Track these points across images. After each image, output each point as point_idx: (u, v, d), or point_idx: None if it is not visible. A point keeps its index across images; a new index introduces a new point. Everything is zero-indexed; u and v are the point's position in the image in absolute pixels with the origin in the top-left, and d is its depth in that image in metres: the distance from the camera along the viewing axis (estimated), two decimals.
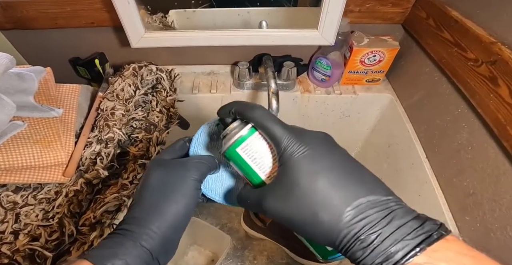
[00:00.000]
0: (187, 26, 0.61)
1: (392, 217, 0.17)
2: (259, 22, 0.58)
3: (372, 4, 0.53)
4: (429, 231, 0.16)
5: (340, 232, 0.17)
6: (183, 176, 0.24)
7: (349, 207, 0.17)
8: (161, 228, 0.22)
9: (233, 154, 0.22)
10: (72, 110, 0.46)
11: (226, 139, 0.23)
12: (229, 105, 0.23)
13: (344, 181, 0.18)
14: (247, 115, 0.22)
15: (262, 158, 0.22)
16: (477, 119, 0.40)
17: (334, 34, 0.51)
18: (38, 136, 0.39)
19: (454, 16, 0.43)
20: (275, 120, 0.21)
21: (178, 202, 0.23)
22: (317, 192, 0.18)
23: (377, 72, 0.59)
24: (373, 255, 0.16)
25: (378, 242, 0.16)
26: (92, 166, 0.42)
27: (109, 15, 0.54)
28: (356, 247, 0.17)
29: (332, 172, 0.19)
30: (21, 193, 0.40)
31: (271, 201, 0.20)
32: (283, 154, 0.20)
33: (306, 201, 0.18)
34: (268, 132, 0.21)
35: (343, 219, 0.17)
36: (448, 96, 0.46)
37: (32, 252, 0.36)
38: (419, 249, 0.15)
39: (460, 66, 0.41)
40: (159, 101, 0.51)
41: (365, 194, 0.18)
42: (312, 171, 0.19)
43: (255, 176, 0.22)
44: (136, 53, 0.58)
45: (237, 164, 0.23)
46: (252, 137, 0.22)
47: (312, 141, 0.20)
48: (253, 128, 0.22)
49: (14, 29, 0.57)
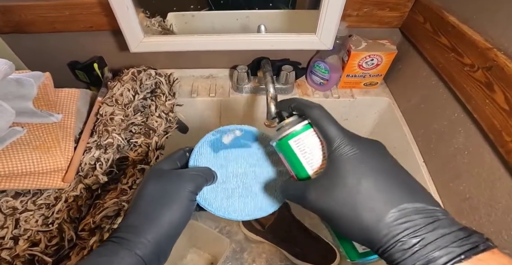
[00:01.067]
0: (186, 30, 0.61)
1: (437, 225, 0.17)
2: (258, 26, 0.58)
3: (370, 8, 0.53)
4: (476, 243, 0.16)
5: (380, 231, 0.17)
6: (180, 187, 0.24)
7: (394, 209, 0.18)
8: (155, 237, 0.23)
9: (284, 145, 0.23)
10: (71, 115, 0.46)
11: (281, 131, 0.24)
12: (290, 101, 0.24)
13: (391, 184, 0.19)
14: (306, 112, 0.23)
15: (312, 153, 0.22)
16: (473, 124, 0.40)
17: (332, 38, 0.51)
18: (38, 142, 0.40)
19: (451, 21, 0.43)
20: (332, 121, 0.22)
21: (173, 213, 0.24)
22: (362, 190, 0.19)
23: (375, 76, 0.60)
24: (414, 257, 0.16)
25: (420, 246, 0.16)
26: (91, 171, 0.42)
27: (108, 19, 0.54)
28: (396, 248, 0.17)
29: (380, 174, 0.19)
30: (21, 199, 0.40)
31: (314, 193, 0.20)
32: (333, 153, 0.20)
33: (350, 197, 0.19)
34: (323, 130, 0.21)
35: (385, 220, 0.17)
36: (445, 100, 0.46)
37: (32, 258, 0.36)
38: (464, 256, 0.15)
39: (456, 71, 0.42)
40: (158, 105, 0.51)
41: (412, 200, 0.18)
42: (360, 171, 0.19)
43: (302, 170, 0.23)
44: (135, 57, 0.58)
45: (287, 155, 0.24)
46: (306, 132, 0.23)
47: (364, 146, 0.20)
48: (308, 125, 0.23)
49: (12, 33, 0.57)
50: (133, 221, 0.23)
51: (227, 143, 0.30)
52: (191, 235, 0.63)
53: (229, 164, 0.29)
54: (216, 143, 0.30)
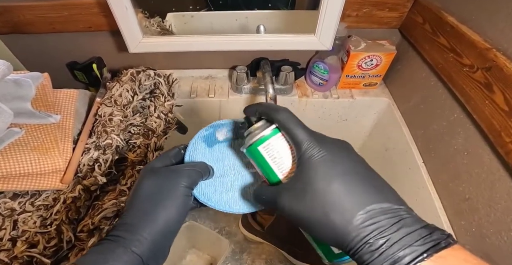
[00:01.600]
0: (185, 30, 0.61)
1: (402, 224, 0.17)
2: (257, 27, 0.58)
3: (369, 9, 0.53)
4: (437, 240, 0.17)
5: (349, 234, 0.18)
6: (174, 183, 0.24)
7: (361, 211, 0.18)
8: (152, 234, 0.22)
9: (254, 152, 0.23)
10: (69, 116, 0.46)
11: (250, 137, 0.24)
12: (256, 106, 0.24)
13: (359, 186, 0.19)
14: (273, 116, 0.23)
15: (281, 158, 0.23)
16: (472, 125, 0.40)
17: (331, 39, 0.51)
18: (36, 143, 0.39)
19: (450, 22, 0.43)
20: (299, 124, 0.22)
21: (169, 209, 0.23)
22: (331, 194, 0.19)
23: (374, 76, 0.60)
24: (381, 258, 0.17)
25: (386, 247, 0.17)
26: (90, 172, 0.42)
27: (107, 20, 0.54)
28: (364, 250, 0.17)
29: (348, 176, 0.19)
30: (19, 200, 0.40)
31: (285, 199, 0.21)
32: (302, 156, 0.21)
33: (319, 201, 0.19)
34: (291, 134, 0.21)
35: (353, 222, 0.18)
36: (444, 101, 0.46)
37: (30, 259, 0.36)
38: (426, 255, 0.16)
39: (455, 71, 0.42)
40: (157, 106, 0.51)
41: (378, 201, 0.18)
42: (329, 174, 0.19)
43: (272, 175, 0.23)
44: (134, 57, 0.58)
45: (257, 161, 0.24)
46: (274, 137, 0.23)
47: (331, 147, 0.21)
48: (276, 129, 0.23)
49: (10, 33, 0.57)
50: (129, 219, 0.23)
51: (222, 137, 0.30)
52: (190, 236, 0.63)
53: (225, 158, 0.29)
54: (210, 138, 0.29)
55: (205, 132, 0.30)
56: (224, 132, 0.30)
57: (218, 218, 0.71)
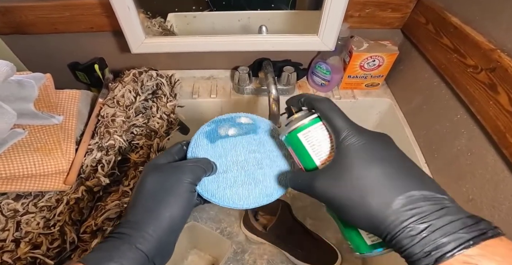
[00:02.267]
0: (187, 31, 0.61)
1: (445, 212, 0.17)
2: (259, 27, 0.58)
3: (372, 9, 0.53)
4: (484, 229, 0.16)
5: (387, 218, 0.17)
6: (178, 180, 0.24)
7: (401, 196, 0.18)
8: (156, 231, 0.22)
9: (293, 138, 0.24)
10: (72, 116, 0.46)
11: (290, 124, 0.24)
12: (300, 96, 0.25)
13: (399, 172, 0.19)
14: (315, 105, 0.23)
15: (320, 145, 0.23)
16: (476, 126, 0.40)
17: (334, 39, 0.51)
18: (39, 144, 0.39)
19: (453, 22, 0.43)
20: (340, 113, 0.22)
21: (173, 205, 0.23)
22: (369, 177, 0.19)
23: (377, 77, 0.59)
24: (422, 243, 0.16)
25: (428, 232, 0.16)
26: (93, 173, 0.41)
27: (109, 20, 0.54)
28: (403, 234, 0.17)
29: (387, 163, 0.19)
30: (22, 201, 0.40)
31: (322, 182, 0.21)
32: (341, 143, 0.21)
33: (357, 184, 0.19)
34: (331, 122, 0.22)
35: (392, 206, 0.17)
36: (447, 101, 0.46)
37: (33, 260, 0.36)
38: (472, 242, 0.15)
39: (459, 72, 0.42)
40: (159, 107, 0.51)
41: (419, 188, 0.18)
42: (367, 159, 0.19)
43: (310, 161, 0.23)
44: (136, 58, 0.58)
45: (296, 148, 0.24)
46: (315, 126, 0.23)
47: (371, 137, 0.21)
48: (317, 118, 0.24)
49: (13, 34, 0.57)
50: (133, 217, 0.23)
51: (224, 132, 0.29)
52: (192, 237, 0.63)
53: (228, 153, 0.29)
54: (212, 134, 0.29)
55: (207, 127, 0.29)
56: (226, 128, 0.30)
57: (219, 219, 0.71)
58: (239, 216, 0.71)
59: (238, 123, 0.30)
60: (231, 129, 0.30)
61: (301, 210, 0.70)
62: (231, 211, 0.72)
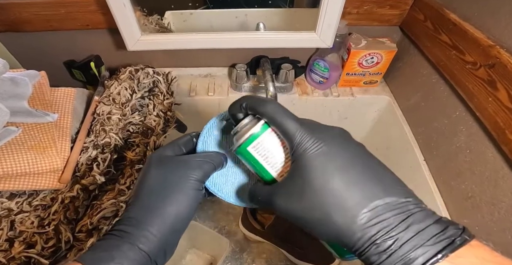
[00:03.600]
0: (184, 28, 0.60)
1: (411, 221, 0.16)
2: (257, 24, 0.58)
3: (370, 6, 0.52)
4: (452, 237, 0.15)
5: (354, 234, 0.17)
6: (185, 176, 0.23)
7: (365, 209, 0.17)
8: (160, 230, 0.21)
9: (244, 153, 0.22)
10: (67, 114, 0.45)
11: (237, 137, 0.22)
12: (240, 100, 0.22)
13: (360, 181, 0.18)
14: (259, 110, 0.21)
15: (274, 156, 0.21)
16: (475, 123, 0.40)
17: (332, 36, 0.51)
18: (33, 142, 0.39)
19: (452, 19, 0.42)
20: (288, 115, 0.20)
21: (179, 204, 0.22)
22: (331, 192, 0.17)
23: (375, 74, 0.59)
24: (390, 260, 0.16)
25: (395, 247, 0.16)
26: (88, 171, 0.41)
27: (105, 18, 0.53)
28: (371, 251, 0.16)
29: (348, 171, 0.18)
30: (16, 200, 0.39)
31: (281, 199, 0.19)
32: (295, 151, 0.19)
33: (318, 200, 0.18)
34: (281, 128, 0.20)
35: (357, 222, 0.17)
36: (446, 98, 0.46)
37: (28, 260, 0.35)
38: (441, 255, 0.15)
39: (458, 69, 0.41)
40: (156, 104, 0.50)
41: (382, 195, 0.17)
42: (326, 170, 0.18)
43: (266, 174, 0.22)
44: (132, 55, 0.58)
45: (249, 162, 0.22)
46: (264, 135, 0.21)
47: (327, 137, 0.19)
48: (265, 125, 0.21)
49: (7, 31, 0.56)
50: (135, 213, 0.22)
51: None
52: (190, 236, 0.63)
53: None
54: (224, 126, 0.27)
55: (218, 120, 0.27)
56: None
57: (218, 217, 0.71)
58: (237, 215, 0.71)
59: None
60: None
61: None
62: (229, 210, 0.72)
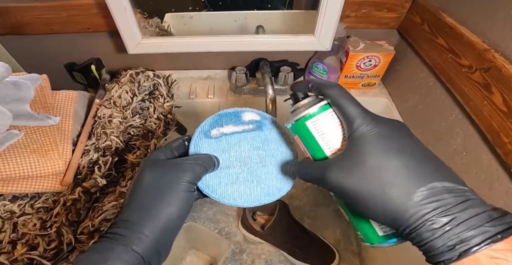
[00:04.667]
0: (184, 31, 0.61)
1: (469, 204, 0.16)
2: (256, 27, 0.58)
3: (368, 9, 0.53)
4: (511, 223, 0.15)
5: (407, 210, 0.17)
6: (177, 178, 0.23)
7: (423, 187, 0.17)
8: (153, 232, 0.22)
9: (301, 127, 0.22)
10: (68, 117, 0.46)
11: (297, 112, 0.23)
12: (307, 81, 0.23)
13: (418, 163, 0.18)
14: (324, 91, 0.22)
15: (330, 135, 0.22)
16: (471, 125, 0.40)
17: (331, 39, 0.51)
18: (35, 145, 0.39)
19: (448, 22, 0.43)
20: (351, 100, 0.21)
21: (171, 205, 0.23)
22: (388, 168, 0.18)
23: (373, 77, 0.60)
24: (445, 237, 0.15)
25: (452, 225, 0.15)
26: (89, 174, 0.41)
27: (106, 21, 0.54)
28: (424, 228, 0.16)
29: (406, 152, 0.18)
30: (19, 202, 0.40)
31: (335, 172, 0.19)
32: (354, 132, 0.19)
33: (375, 176, 0.18)
34: (343, 110, 0.20)
35: (413, 198, 0.17)
36: (442, 101, 0.46)
37: (30, 262, 0.35)
38: (500, 236, 0.15)
39: (454, 72, 0.42)
40: (156, 107, 0.51)
41: (441, 179, 0.17)
42: (385, 149, 0.18)
43: (319, 151, 0.22)
44: (133, 58, 0.58)
45: (303, 137, 0.23)
46: (324, 113, 0.22)
47: (386, 125, 0.19)
48: (327, 105, 0.22)
49: (8, 34, 0.57)
50: (129, 216, 0.22)
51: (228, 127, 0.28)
52: (190, 237, 0.63)
53: (232, 148, 0.28)
54: (218, 127, 0.28)
55: (211, 120, 0.28)
56: (231, 122, 0.28)
57: (217, 219, 0.71)
58: (237, 216, 0.71)
59: (244, 118, 0.29)
60: (236, 123, 0.29)
61: (299, 209, 0.70)
62: (229, 211, 0.72)
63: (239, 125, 0.29)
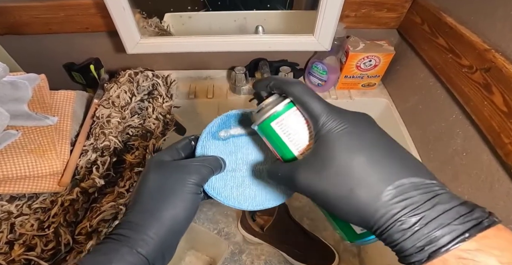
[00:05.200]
0: (183, 31, 0.61)
1: (437, 201, 0.16)
2: (255, 27, 0.58)
3: (368, 9, 0.53)
4: (479, 218, 0.15)
5: (377, 211, 0.16)
6: (183, 180, 0.23)
7: (390, 187, 0.16)
8: (158, 234, 0.21)
9: (267, 128, 0.22)
10: (67, 117, 0.45)
11: (261, 113, 0.22)
12: (267, 80, 0.23)
13: (385, 159, 0.17)
14: (286, 90, 0.21)
15: (297, 134, 0.21)
16: (471, 126, 0.40)
17: (330, 39, 0.51)
18: (33, 145, 0.39)
19: (448, 22, 0.43)
20: (314, 96, 0.20)
21: (177, 207, 0.22)
22: (355, 167, 0.17)
23: (373, 77, 0.60)
24: (414, 238, 0.15)
25: (420, 225, 0.15)
26: (87, 175, 0.41)
27: (104, 21, 0.54)
28: (394, 228, 0.16)
29: (373, 149, 0.18)
30: (16, 203, 0.39)
31: (304, 174, 0.19)
32: (320, 130, 0.19)
33: (342, 176, 0.17)
34: (307, 107, 0.20)
35: (382, 198, 0.16)
36: (443, 101, 0.46)
37: (27, 262, 0.35)
38: (468, 234, 0.14)
39: (454, 72, 0.42)
40: (155, 107, 0.51)
41: (408, 175, 0.17)
42: (351, 147, 0.18)
43: (287, 152, 0.22)
44: (132, 58, 0.58)
45: (270, 139, 0.22)
46: (288, 112, 0.21)
47: (352, 119, 0.19)
48: (291, 103, 0.22)
49: (6, 34, 0.57)
50: (134, 218, 0.22)
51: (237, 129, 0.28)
52: (189, 237, 0.63)
53: (239, 151, 0.27)
54: (225, 128, 0.28)
55: (219, 121, 0.28)
56: (239, 123, 0.28)
57: (217, 219, 0.71)
58: (236, 217, 0.71)
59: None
60: (244, 125, 0.28)
61: (298, 210, 0.70)
62: (228, 212, 0.72)
63: (247, 127, 0.28)
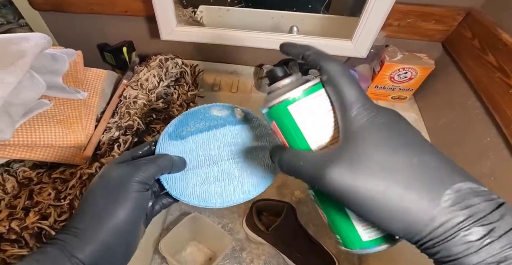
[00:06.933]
0: (217, 23, 0.61)
1: (504, 211, 0.13)
2: (290, 27, 0.57)
3: (414, 20, 0.51)
4: None
5: (435, 218, 0.14)
6: (126, 179, 0.22)
7: (448, 191, 0.14)
8: (98, 235, 0.20)
9: (281, 112, 0.18)
10: (96, 94, 0.46)
11: (276, 94, 0.18)
12: (303, 47, 0.19)
13: (436, 160, 0.15)
14: (322, 65, 0.17)
15: (318, 123, 0.17)
16: (506, 150, 0.37)
17: (368, 47, 0.49)
18: (62, 116, 0.40)
19: (504, 39, 0.40)
20: (353, 80, 0.17)
21: (119, 207, 0.21)
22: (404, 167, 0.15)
23: (405, 90, 0.57)
24: (484, 252, 0.13)
25: (492, 238, 0.13)
26: (109, 151, 0.42)
27: (144, 5, 0.55)
28: (456, 240, 0.13)
29: (418, 148, 0.15)
30: (37, 171, 0.40)
31: (338, 169, 0.15)
32: (353, 121, 0.16)
33: (389, 176, 0.15)
34: (341, 91, 0.17)
35: (441, 204, 0.14)
36: (479, 122, 0.43)
37: (39, 231, 0.36)
38: None
39: (500, 93, 0.39)
40: (180, 94, 0.51)
41: (463, 179, 0.14)
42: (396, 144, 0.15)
43: (301, 143, 0.18)
44: (164, 45, 0.59)
45: (283, 125, 0.18)
46: (314, 95, 0.17)
47: (387, 113, 0.17)
48: (318, 85, 0.18)
49: (51, 11, 0.59)
50: (77, 223, 0.21)
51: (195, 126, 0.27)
52: (193, 228, 0.63)
53: (200, 148, 0.26)
54: (182, 128, 0.27)
55: (176, 121, 0.27)
56: (198, 121, 0.27)
57: (223, 214, 0.71)
58: (242, 213, 0.70)
59: (211, 114, 0.28)
60: (203, 121, 0.27)
61: (305, 215, 0.68)
62: (234, 208, 0.72)
63: (207, 122, 0.27)
